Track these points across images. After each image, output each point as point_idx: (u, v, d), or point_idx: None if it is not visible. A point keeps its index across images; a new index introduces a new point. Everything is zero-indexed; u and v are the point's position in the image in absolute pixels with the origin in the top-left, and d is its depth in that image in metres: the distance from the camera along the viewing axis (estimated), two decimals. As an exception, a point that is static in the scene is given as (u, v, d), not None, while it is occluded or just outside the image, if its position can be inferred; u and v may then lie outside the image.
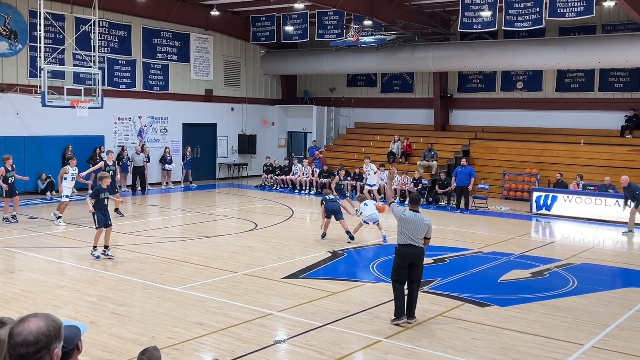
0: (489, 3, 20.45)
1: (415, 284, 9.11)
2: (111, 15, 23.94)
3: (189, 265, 12.33)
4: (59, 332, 2.57)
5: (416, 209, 9.19)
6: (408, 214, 9.10)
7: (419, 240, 9.04)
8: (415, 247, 8.99)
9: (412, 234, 8.97)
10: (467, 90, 27.51)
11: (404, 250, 9.01)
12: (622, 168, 22.09)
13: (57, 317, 2.62)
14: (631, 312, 9.95)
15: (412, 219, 9.05)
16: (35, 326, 2.52)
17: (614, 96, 24.29)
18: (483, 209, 21.25)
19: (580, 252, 14.82)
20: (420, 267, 9.16)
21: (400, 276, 9.04)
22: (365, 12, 22.90)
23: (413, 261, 9.00)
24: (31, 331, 2.50)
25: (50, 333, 2.53)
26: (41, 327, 2.52)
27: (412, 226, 8.98)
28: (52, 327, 2.55)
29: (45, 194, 21.82)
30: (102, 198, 13.01)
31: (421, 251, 9.10)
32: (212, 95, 28.34)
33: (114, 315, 9.13)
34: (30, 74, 21.60)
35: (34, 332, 2.50)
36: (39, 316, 2.58)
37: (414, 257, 9.00)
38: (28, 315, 2.59)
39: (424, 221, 9.09)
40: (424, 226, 9.06)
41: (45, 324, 2.54)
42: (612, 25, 23.75)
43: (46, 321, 2.55)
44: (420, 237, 9.04)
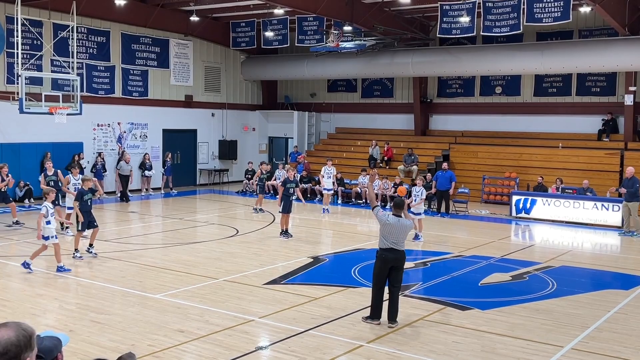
0: (467, 9, 20.62)
1: (396, 288, 9.17)
2: (89, 21, 23.78)
3: (169, 272, 12.25)
4: (29, 341, 2.54)
5: (399, 213, 9.25)
6: (392, 219, 9.15)
7: (402, 244, 9.13)
8: (397, 251, 9.08)
9: (395, 239, 9.05)
10: (447, 95, 27.69)
11: (385, 254, 9.07)
12: (600, 171, 22.41)
13: (29, 326, 2.59)
14: (610, 313, 10.06)
15: (396, 224, 9.11)
16: (4, 336, 2.50)
17: (591, 100, 24.58)
18: (463, 213, 21.37)
19: (559, 254, 14.97)
20: (401, 271, 9.23)
21: (381, 280, 9.13)
22: (345, 18, 22.98)
23: (395, 264, 9.08)
24: (0, 342, 2.48)
25: (20, 343, 2.51)
26: (10, 337, 2.50)
27: (396, 231, 9.06)
28: (22, 336, 2.52)
29: (23, 201, 21.56)
30: (85, 200, 13.38)
31: (403, 255, 9.18)
32: (192, 101, 28.23)
33: (93, 324, 9.04)
34: (8, 81, 21.36)
35: (3, 342, 2.48)
36: (8, 325, 2.55)
37: (395, 260, 9.08)
38: None
39: (407, 225, 9.23)
40: (408, 230, 9.26)
41: (15, 334, 2.52)
42: (589, 31, 24.07)
43: (16, 331, 2.53)
44: (403, 241, 9.14)
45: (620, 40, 21.81)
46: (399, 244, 9.10)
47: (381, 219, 9.19)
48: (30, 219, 18.73)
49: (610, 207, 19.16)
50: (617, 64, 21.89)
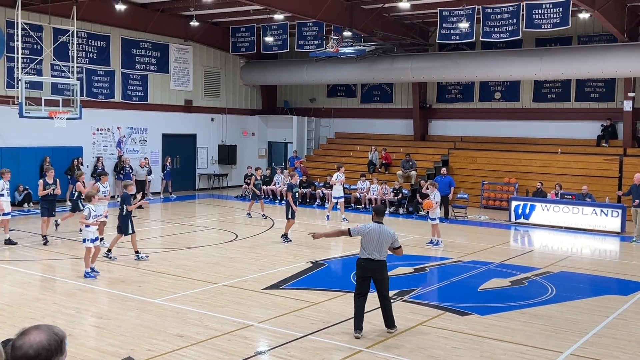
0: (466, 15, 20.68)
1: (385, 298, 8.97)
2: (90, 25, 23.82)
3: (168, 277, 12.24)
4: (60, 345, 2.56)
5: (380, 220, 9.05)
6: (372, 227, 8.90)
7: (382, 254, 8.85)
8: (375, 261, 8.80)
9: (374, 248, 8.78)
10: (446, 101, 27.73)
11: (364, 263, 8.87)
12: (599, 177, 22.43)
13: (61, 330, 2.60)
14: (609, 319, 10.06)
15: (376, 231, 8.85)
16: (36, 339, 2.51)
17: (590, 106, 24.63)
18: (462, 218, 21.38)
19: (558, 260, 14.97)
20: (383, 280, 8.93)
21: (362, 289, 8.91)
22: (344, 23, 23.04)
23: (373, 275, 8.83)
24: (32, 345, 2.49)
25: (50, 347, 2.52)
26: (42, 341, 2.51)
27: (375, 240, 8.79)
28: (53, 340, 2.54)
29: (22, 205, 21.55)
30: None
31: (381, 265, 8.87)
32: (192, 105, 28.27)
33: (92, 328, 9.03)
34: (8, 85, 21.38)
35: (35, 345, 2.49)
36: (40, 329, 2.56)
37: (373, 270, 8.82)
38: (30, 328, 2.58)
39: (388, 232, 8.90)
40: (389, 237, 8.88)
41: (47, 338, 2.53)
42: (588, 37, 24.13)
43: (48, 334, 2.54)
44: (383, 250, 8.86)
45: (619, 46, 21.87)
46: (379, 252, 8.81)
47: (361, 230, 8.94)
48: (29, 223, 18.74)
49: (610, 212, 19.18)
50: (616, 69, 21.94)
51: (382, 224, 8.99)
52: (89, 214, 12.04)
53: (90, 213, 12.06)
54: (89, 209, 12.11)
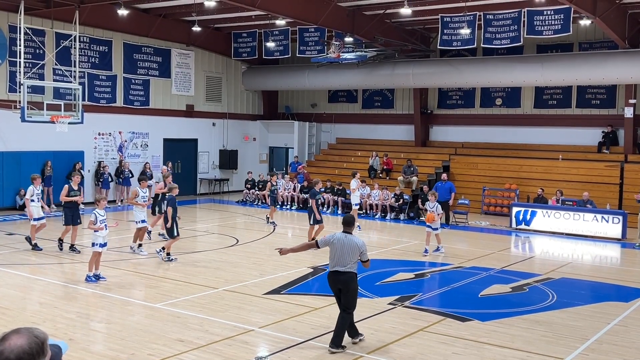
0: (468, 21, 20.73)
1: (347, 313, 8.50)
2: (92, 30, 23.89)
3: (169, 282, 12.24)
4: (42, 347, 2.52)
5: (349, 230, 8.66)
6: (337, 237, 8.54)
7: (350, 265, 8.45)
8: (342, 273, 8.44)
9: (340, 259, 8.43)
10: (447, 107, 27.76)
11: (332, 276, 8.58)
12: (600, 184, 22.43)
13: (42, 332, 2.56)
14: (610, 325, 10.05)
15: (342, 241, 8.48)
16: (17, 344, 2.47)
17: (591, 112, 24.65)
18: (463, 224, 21.38)
19: (559, 266, 14.96)
20: (349, 293, 8.50)
21: (338, 303, 8.64)
22: (346, 29, 23.10)
23: (342, 287, 8.48)
24: (12, 350, 2.45)
25: (32, 350, 2.48)
26: (23, 345, 2.47)
27: (341, 250, 8.43)
28: (34, 343, 2.50)
29: (23, 209, 21.53)
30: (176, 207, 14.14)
31: (349, 277, 8.46)
32: (194, 110, 28.31)
33: (93, 332, 9.03)
34: (10, 89, 21.44)
35: (15, 350, 2.45)
36: (21, 332, 2.52)
37: (341, 283, 8.46)
38: (10, 332, 2.53)
39: (354, 243, 8.49)
40: (355, 248, 8.46)
41: (27, 341, 2.49)
42: (589, 43, 24.16)
43: (28, 338, 2.50)
44: (351, 261, 8.45)
45: (620, 53, 21.90)
46: (346, 264, 8.41)
47: (327, 240, 8.62)
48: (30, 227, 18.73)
49: (610, 219, 19.17)
50: (617, 76, 21.98)
51: (349, 234, 8.60)
52: (95, 218, 12.04)
53: (97, 218, 12.06)
54: (96, 213, 12.11)
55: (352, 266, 8.46)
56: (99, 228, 12.09)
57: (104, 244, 12.25)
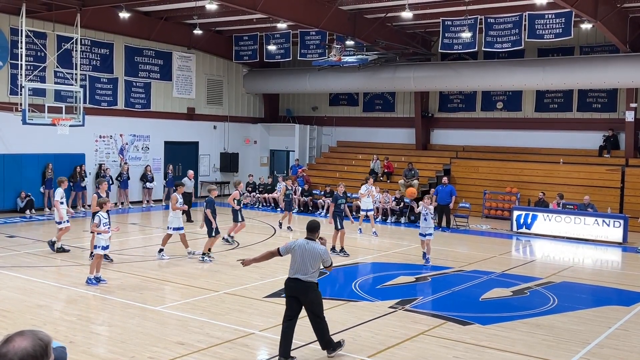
0: (469, 24, 20.74)
1: (317, 322, 8.12)
2: (93, 33, 23.92)
3: (170, 284, 12.24)
4: (45, 350, 2.52)
5: (312, 237, 8.22)
6: (298, 243, 8.15)
7: (311, 274, 8.05)
8: (301, 281, 8.01)
9: (301, 267, 8.02)
10: (448, 110, 27.77)
11: (290, 284, 8.14)
12: (601, 187, 22.42)
13: (46, 334, 2.57)
14: (611, 330, 10.04)
15: (303, 248, 8.07)
16: (21, 346, 2.47)
17: (592, 116, 24.65)
18: (464, 228, 21.36)
19: (560, 270, 14.94)
20: (313, 303, 8.08)
21: (290, 311, 8.12)
22: (347, 32, 23.11)
23: (299, 296, 8.04)
24: (16, 352, 2.45)
25: (36, 353, 2.48)
26: (27, 347, 2.47)
27: (302, 257, 8.03)
28: (38, 345, 2.50)
29: (24, 212, 21.56)
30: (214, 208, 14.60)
31: (309, 287, 8.03)
32: (195, 113, 28.33)
33: (93, 335, 9.02)
34: (11, 92, 21.46)
35: (19, 353, 2.45)
36: (25, 335, 2.52)
37: (298, 291, 8.05)
38: (14, 334, 2.53)
39: (317, 250, 8.09)
40: (317, 255, 8.07)
41: (31, 344, 2.49)
42: (590, 47, 24.18)
43: (32, 340, 2.51)
44: (312, 269, 8.05)
45: (621, 57, 21.91)
46: (304, 272, 8.00)
47: (288, 246, 8.22)
48: (31, 230, 18.77)
49: (611, 223, 19.16)
50: (618, 80, 21.98)
51: (311, 241, 8.18)
52: (99, 221, 12.06)
53: (101, 220, 12.07)
54: (100, 216, 12.12)
55: (313, 275, 8.07)
56: (102, 231, 12.09)
57: (106, 247, 12.27)
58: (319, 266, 8.18)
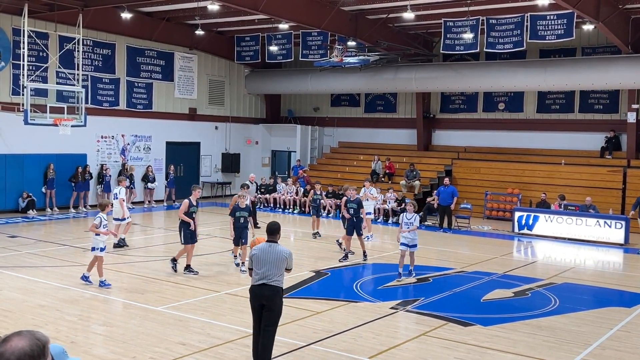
0: (470, 25, 20.74)
1: (266, 331, 7.64)
2: (95, 33, 23.94)
3: (171, 285, 12.24)
4: (43, 350, 2.53)
5: (273, 239, 7.87)
6: (260, 248, 7.83)
7: (276, 278, 7.67)
8: (268, 286, 7.63)
9: (266, 272, 7.64)
10: (450, 111, 27.76)
11: (254, 290, 7.73)
12: (603, 188, 22.40)
13: (43, 335, 2.58)
14: (612, 331, 10.03)
15: (266, 252, 7.73)
16: (18, 346, 2.49)
17: (594, 117, 24.64)
18: (466, 229, 21.34)
19: (561, 271, 14.93)
20: (274, 311, 7.66)
21: (256, 322, 7.78)
22: (349, 33, 23.12)
23: (266, 303, 7.64)
24: (13, 351, 2.47)
25: (33, 352, 2.49)
26: (24, 347, 2.49)
27: (265, 261, 7.67)
28: (35, 345, 2.51)
29: (26, 212, 21.56)
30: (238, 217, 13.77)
31: (275, 292, 7.65)
32: (196, 114, 28.35)
33: (95, 335, 9.03)
34: (13, 92, 21.47)
35: (16, 352, 2.47)
36: (22, 334, 2.54)
37: (265, 298, 7.64)
38: (12, 334, 2.55)
39: (281, 253, 7.72)
40: (282, 259, 7.70)
41: (29, 343, 2.50)
42: (592, 48, 24.16)
43: (29, 340, 2.52)
44: (277, 273, 7.68)
45: (623, 58, 21.90)
46: (272, 277, 7.61)
47: (251, 255, 7.95)
48: (32, 230, 18.77)
49: (613, 224, 19.14)
50: (619, 81, 21.97)
51: (274, 243, 7.82)
52: (99, 222, 11.92)
53: (101, 222, 11.93)
54: (101, 217, 11.98)
55: (278, 279, 7.68)
56: (102, 232, 11.94)
57: (104, 248, 12.16)
58: (284, 270, 7.77)
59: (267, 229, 8.00)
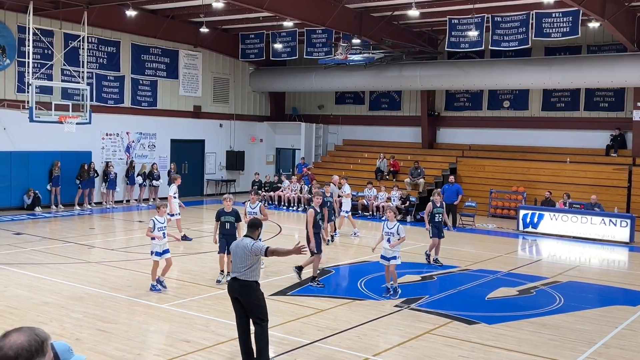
0: (475, 23, 20.69)
1: (257, 324, 7.68)
2: (100, 31, 23.97)
3: (175, 282, 12.26)
4: (41, 346, 2.56)
5: (250, 234, 7.80)
6: (235, 243, 7.95)
7: (245, 272, 7.60)
8: (237, 280, 7.63)
9: (236, 265, 7.71)
10: (454, 109, 27.72)
11: (228, 283, 7.92)
12: (608, 187, 22.34)
13: (43, 332, 2.61)
14: (617, 329, 10.00)
15: (237, 246, 7.77)
16: (17, 341, 2.52)
17: (599, 115, 24.56)
18: (470, 227, 21.32)
19: (566, 270, 14.90)
20: (251, 304, 7.66)
21: (237, 317, 7.85)
22: (353, 31, 23.09)
23: (238, 296, 7.67)
24: (11, 346, 2.51)
25: (31, 348, 2.53)
26: (22, 342, 2.52)
27: (235, 255, 7.74)
28: (34, 341, 2.55)
29: (33, 209, 21.61)
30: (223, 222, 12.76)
31: (246, 286, 7.61)
32: (201, 111, 28.37)
33: (99, 332, 9.05)
34: (18, 89, 21.53)
35: (14, 347, 2.51)
36: (22, 330, 2.58)
37: (236, 291, 7.67)
38: (12, 330, 2.60)
39: (246, 247, 7.60)
40: (247, 252, 7.58)
41: (27, 339, 2.54)
42: (597, 46, 24.08)
43: (28, 335, 2.55)
44: (244, 267, 7.60)
45: (628, 55, 21.81)
46: (240, 270, 7.61)
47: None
48: (37, 227, 18.83)
49: (618, 222, 19.09)
50: (625, 79, 21.89)
51: (246, 238, 7.77)
52: (153, 225, 11.46)
53: (155, 225, 11.48)
54: (154, 220, 11.49)
55: (247, 273, 7.58)
56: (157, 236, 11.53)
57: (161, 253, 11.53)
58: (254, 262, 7.60)
59: (247, 224, 8.03)
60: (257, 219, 8.13)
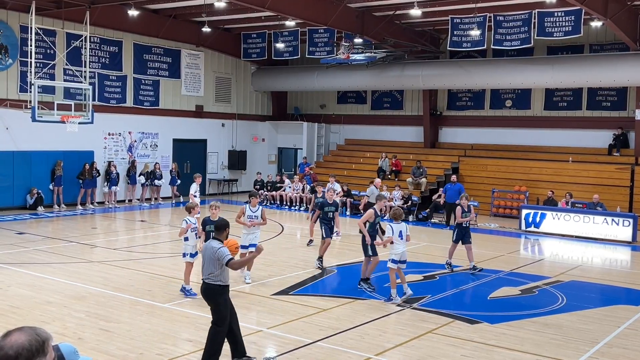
0: (478, 22, 20.67)
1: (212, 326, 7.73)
2: (102, 31, 23.99)
3: (178, 282, 12.25)
4: (42, 346, 2.57)
5: (218, 236, 7.85)
6: (204, 246, 8.03)
7: (210, 276, 7.64)
8: (204, 283, 7.73)
9: (203, 269, 7.77)
10: (457, 108, 27.70)
11: (201, 287, 7.97)
12: (610, 186, 22.31)
13: (44, 332, 2.61)
14: (620, 329, 9.99)
15: (205, 249, 7.86)
16: (17, 340, 2.53)
17: (601, 115, 24.52)
18: (472, 226, 21.23)
19: (569, 269, 14.89)
20: (212, 307, 7.72)
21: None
22: (355, 30, 23.08)
23: (205, 298, 7.85)
24: (12, 345, 2.52)
25: (32, 347, 2.53)
26: (23, 342, 2.53)
27: (203, 259, 7.82)
28: (34, 340, 2.55)
29: (35, 209, 21.64)
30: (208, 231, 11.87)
31: (210, 289, 7.66)
32: (203, 111, 28.38)
33: (102, 332, 9.06)
34: (21, 89, 21.55)
35: (15, 346, 2.51)
36: (23, 330, 2.58)
37: (203, 294, 7.84)
38: (13, 330, 2.61)
39: (212, 249, 7.62)
40: (212, 255, 7.60)
41: (28, 338, 2.55)
42: (600, 45, 24.04)
43: (29, 335, 2.56)
44: (209, 270, 7.65)
45: (631, 55, 21.78)
46: (205, 273, 7.68)
47: None
48: (40, 227, 18.85)
49: (621, 222, 19.07)
50: (627, 78, 21.86)
51: (214, 240, 7.79)
52: (186, 226, 11.36)
53: (188, 225, 11.33)
54: (186, 221, 11.32)
55: (212, 276, 7.61)
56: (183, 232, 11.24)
57: (194, 254, 11.33)
58: (219, 266, 7.58)
59: (215, 226, 8.10)
60: (224, 220, 8.11)
